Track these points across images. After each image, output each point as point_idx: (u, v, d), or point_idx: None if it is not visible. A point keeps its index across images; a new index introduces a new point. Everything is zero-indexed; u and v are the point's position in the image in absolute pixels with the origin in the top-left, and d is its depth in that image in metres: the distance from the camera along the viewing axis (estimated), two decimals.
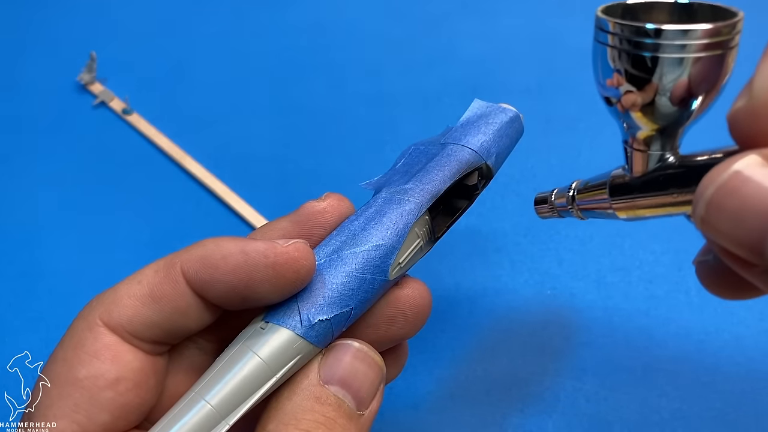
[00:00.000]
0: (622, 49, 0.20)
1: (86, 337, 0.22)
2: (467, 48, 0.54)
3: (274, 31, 0.58)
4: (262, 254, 0.21)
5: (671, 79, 0.20)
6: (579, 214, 0.28)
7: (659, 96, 0.20)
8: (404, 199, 0.24)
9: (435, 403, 0.35)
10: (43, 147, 0.50)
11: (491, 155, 0.26)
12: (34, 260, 0.43)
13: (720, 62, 0.19)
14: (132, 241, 0.44)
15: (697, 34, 0.19)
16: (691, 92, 0.20)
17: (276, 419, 0.20)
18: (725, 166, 0.16)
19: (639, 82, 0.20)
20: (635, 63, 0.20)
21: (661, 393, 0.34)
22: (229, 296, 0.22)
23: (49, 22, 0.61)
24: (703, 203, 0.16)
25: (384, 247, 0.23)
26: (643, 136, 0.22)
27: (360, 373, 0.21)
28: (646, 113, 0.21)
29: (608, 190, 0.25)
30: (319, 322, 0.21)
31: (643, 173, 0.23)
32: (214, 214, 0.45)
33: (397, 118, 0.49)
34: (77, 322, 0.22)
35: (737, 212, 0.16)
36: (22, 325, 0.40)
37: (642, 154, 0.23)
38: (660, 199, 0.23)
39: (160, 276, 0.22)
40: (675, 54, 0.19)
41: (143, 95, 0.53)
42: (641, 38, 0.19)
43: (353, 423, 0.21)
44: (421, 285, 0.24)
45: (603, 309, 0.37)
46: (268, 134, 0.50)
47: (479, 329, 0.37)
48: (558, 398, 0.34)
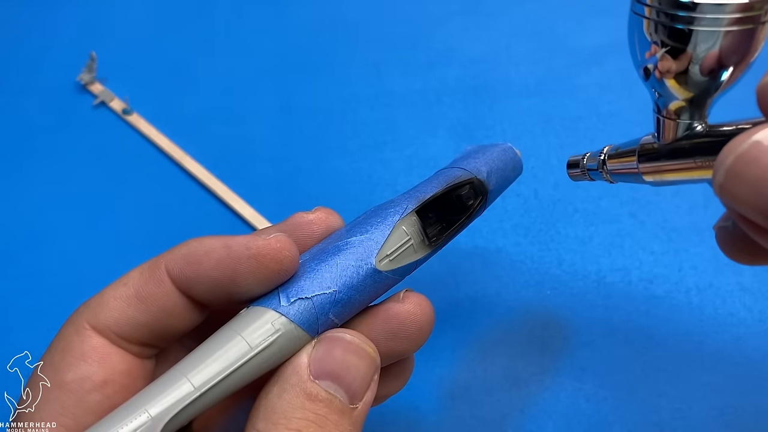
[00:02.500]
0: (658, 21, 0.21)
1: (73, 340, 0.22)
2: (467, 48, 0.54)
3: (274, 31, 0.58)
4: (244, 246, 0.21)
5: (704, 49, 0.21)
6: (608, 177, 0.29)
7: (692, 65, 0.21)
8: (389, 204, 0.25)
9: (435, 404, 0.35)
10: (43, 147, 0.50)
11: (481, 172, 0.27)
12: (34, 260, 0.43)
13: (750, 36, 0.20)
14: (132, 241, 0.44)
15: (731, 8, 0.20)
16: (721, 63, 0.21)
17: (266, 418, 0.20)
18: (746, 136, 0.17)
19: (674, 51, 0.21)
20: (671, 34, 0.21)
21: (661, 393, 0.34)
22: (215, 292, 0.22)
23: (49, 22, 0.61)
24: (722, 171, 0.17)
25: (367, 239, 0.23)
26: (675, 106, 0.23)
27: (352, 366, 0.21)
28: (680, 81, 0.22)
29: (637, 156, 0.26)
30: (299, 300, 0.21)
31: (672, 140, 0.24)
32: (214, 214, 0.45)
33: (397, 118, 0.49)
34: (65, 327, 0.22)
35: (755, 180, 0.16)
36: (22, 325, 0.40)
37: (672, 122, 0.24)
38: (685, 164, 0.24)
39: (145, 277, 0.22)
40: (708, 27, 0.20)
41: (143, 95, 0.53)
42: (677, 11, 0.20)
43: (346, 417, 0.20)
44: (423, 300, 0.24)
45: (603, 309, 0.37)
46: (268, 134, 0.50)
47: (479, 329, 0.37)
48: (558, 398, 0.34)
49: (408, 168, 0.46)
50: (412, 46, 0.55)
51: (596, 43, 0.52)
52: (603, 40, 0.52)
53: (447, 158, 0.47)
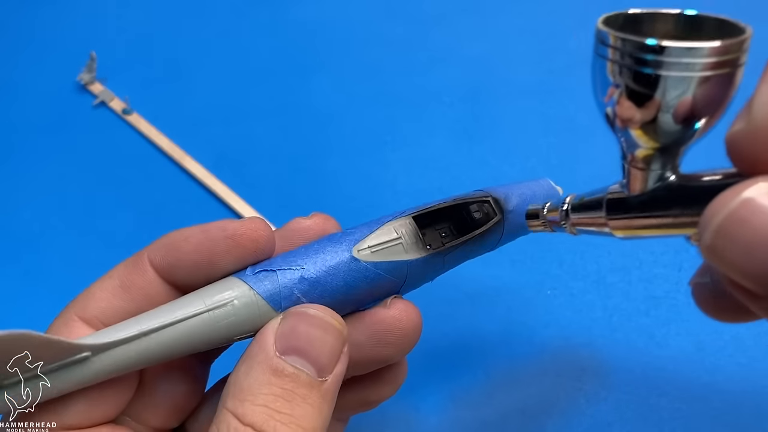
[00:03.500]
0: (623, 64, 0.19)
1: (62, 332, 0.23)
2: (467, 48, 0.54)
3: (273, 31, 0.58)
4: (220, 229, 0.23)
5: (674, 97, 0.18)
6: (573, 230, 0.26)
7: (661, 113, 0.19)
8: (393, 213, 0.25)
9: (436, 405, 0.35)
10: (43, 147, 0.50)
11: (497, 192, 0.26)
12: (34, 260, 0.43)
13: (728, 81, 0.18)
14: (132, 240, 0.44)
15: (704, 51, 0.17)
16: (695, 111, 0.19)
17: (234, 396, 0.20)
18: (733, 193, 0.15)
19: (640, 98, 0.19)
20: (637, 79, 0.19)
21: (661, 393, 0.34)
22: (195, 275, 0.23)
23: (49, 22, 0.61)
24: (710, 231, 0.16)
25: (352, 232, 0.24)
26: (643, 154, 0.21)
27: (317, 339, 0.21)
28: (647, 131, 0.20)
29: (605, 207, 0.23)
30: (263, 272, 0.22)
31: (642, 191, 0.22)
32: (214, 214, 0.45)
33: (397, 118, 0.49)
34: (55, 320, 0.24)
35: (747, 243, 0.15)
36: (22, 325, 0.39)
37: (641, 172, 0.22)
38: (659, 220, 0.22)
39: (129, 268, 0.24)
40: (679, 72, 0.18)
41: (143, 95, 0.53)
42: (643, 54, 0.18)
43: (315, 391, 0.20)
44: (409, 307, 0.24)
45: (603, 309, 0.37)
46: (268, 134, 0.50)
47: (479, 329, 0.37)
48: (558, 398, 0.34)
49: (408, 168, 0.46)
50: (412, 46, 0.55)
51: None
52: None
53: (447, 158, 0.48)
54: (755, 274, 0.15)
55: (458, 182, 0.45)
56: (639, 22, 0.22)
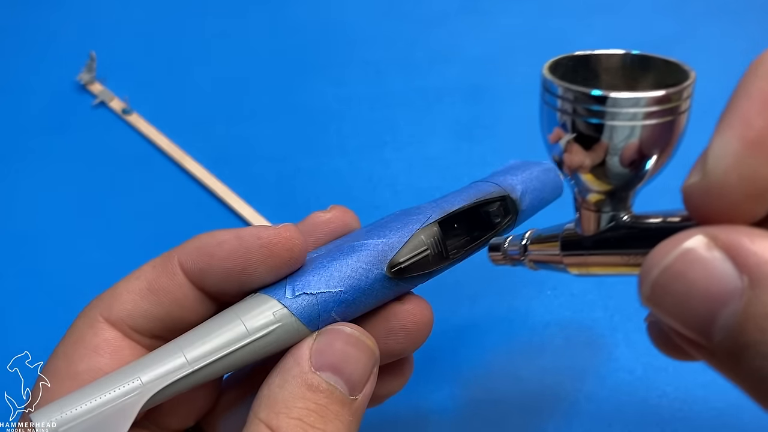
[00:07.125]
0: (569, 112, 0.19)
1: (86, 333, 0.22)
2: (467, 48, 0.54)
3: (273, 31, 0.58)
4: (255, 236, 0.22)
5: (621, 141, 0.19)
6: (531, 265, 0.27)
7: (609, 157, 0.19)
8: (414, 210, 0.24)
9: (436, 405, 0.35)
10: (43, 147, 0.50)
11: (516, 190, 0.26)
12: (34, 260, 0.43)
13: (670, 127, 0.19)
14: (132, 241, 0.44)
15: (645, 101, 0.18)
16: (642, 155, 0.19)
17: (268, 407, 0.20)
18: (671, 245, 0.15)
19: (587, 143, 0.19)
20: (583, 127, 0.19)
21: (661, 393, 0.34)
22: (226, 282, 0.22)
23: (49, 22, 0.61)
24: (648, 284, 0.16)
25: (383, 242, 0.23)
26: (594, 198, 0.21)
27: (352, 358, 0.21)
28: (597, 175, 0.20)
29: (560, 244, 0.24)
30: (303, 295, 0.21)
31: (595, 232, 0.22)
32: (214, 214, 0.45)
33: (397, 118, 0.49)
34: (78, 319, 0.23)
35: (683, 296, 0.15)
36: (22, 325, 0.40)
37: (593, 214, 0.22)
38: (611, 259, 0.22)
39: (157, 270, 0.23)
40: (623, 122, 0.18)
41: (143, 95, 0.53)
42: (588, 104, 0.18)
43: (346, 408, 0.21)
44: (422, 302, 0.24)
45: (603, 309, 0.37)
46: (268, 134, 0.50)
47: (479, 329, 0.37)
48: (558, 398, 0.34)
49: (408, 168, 0.46)
50: (412, 46, 0.55)
51: (596, 43, 0.52)
52: (603, 39, 0.52)
53: (447, 158, 0.48)
54: (693, 326, 0.15)
55: (458, 182, 0.44)
56: (587, 62, 0.22)
